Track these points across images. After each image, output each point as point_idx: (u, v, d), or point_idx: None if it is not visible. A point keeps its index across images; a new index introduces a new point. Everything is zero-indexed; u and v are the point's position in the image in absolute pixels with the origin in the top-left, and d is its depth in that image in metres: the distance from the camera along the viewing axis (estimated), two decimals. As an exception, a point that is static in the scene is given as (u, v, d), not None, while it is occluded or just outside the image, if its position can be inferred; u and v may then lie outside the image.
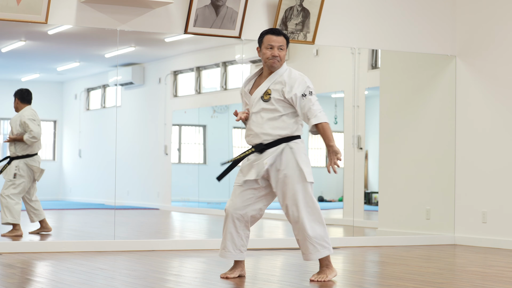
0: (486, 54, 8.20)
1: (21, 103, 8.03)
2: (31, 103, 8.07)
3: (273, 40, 5.27)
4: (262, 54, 5.31)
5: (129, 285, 4.98)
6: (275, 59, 5.26)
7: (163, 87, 10.71)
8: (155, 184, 11.05)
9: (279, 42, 5.27)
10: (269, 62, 5.27)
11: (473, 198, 8.25)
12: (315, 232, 5.19)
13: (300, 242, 5.24)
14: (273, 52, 5.26)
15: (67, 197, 10.57)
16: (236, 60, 9.33)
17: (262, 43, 5.32)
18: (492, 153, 8.10)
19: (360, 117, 8.93)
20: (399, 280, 5.34)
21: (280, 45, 5.27)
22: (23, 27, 7.30)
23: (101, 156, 10.28)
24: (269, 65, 5.28)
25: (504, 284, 5.26)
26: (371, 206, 10.44)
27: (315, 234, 5.19)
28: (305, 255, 5.25)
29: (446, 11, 8.41)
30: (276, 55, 5.25)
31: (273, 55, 5.25)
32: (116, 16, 7.05)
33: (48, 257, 6.48)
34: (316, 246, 5.19)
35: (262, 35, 5.34)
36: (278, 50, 5.26)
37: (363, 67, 9.04)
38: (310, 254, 5.22)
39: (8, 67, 9.55)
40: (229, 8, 7.27)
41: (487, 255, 7.26)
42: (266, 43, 5.28)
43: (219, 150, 10.87)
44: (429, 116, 8.58)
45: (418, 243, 8.23)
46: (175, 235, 8.97)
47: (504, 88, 8.05)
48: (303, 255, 5.27)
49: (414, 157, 8.68)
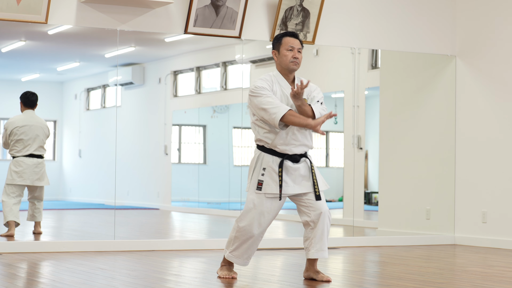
0: (486, 54, 8.20)
1: (23, 106, 8.04)
2: (34, 107, 8.03)
3: (293, 42, 5.23)
4: (282, 56, 5.24)
5: (129, 285, 4.98)
6: (296, 61, 5.22)
7: (163, 87, 10.72)
8: (155, 184, 11.05)
9: (297, 44, 5.25)
10: (291, 65, 5.21)
11: (473, 198, 8.25)
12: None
13: (318, 238, 5.24)
14: (294, 53, 5.22)
15: (67, 197, 10.58)
16: (236, 60, 9.34)
17: (280, 45, 5.26)
18: (492, 153, 8.10)
19: (360, 117, 8.93)
20: (399, 280, 5.34)
21: (299, 47, 5.26)
22: (23, 27, 7.30)
23: (101, 156, 10.29)
24: (291, 67, 5.23)
25: (504, 284, 5.26)
26: (371, 206, 10.44)
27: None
28: (324, 252, 5.26)
29: (446, 11, 8.41)
30: (297, 56, 5.22)
31: (294, 57, 5.21)
32: (116, 16, 7.05)
33: (48, 257, 6.48)
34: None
35: (280, 37, 5.28)
36: (298, 53, 5.24)
37: (363, 67, 9.04)
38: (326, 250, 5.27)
39: (8, 67, 9.56)
40: (229, 8, 7.27)
41: (487, 255, 7.27)
42: (286, 45, 5.23)
43: (219, 150, 10.87)
44: (429, 116, 8.58)
45: (418, 243, 8.23)
46: (175, 235, 8.97)
47: (504, 88, 8.05)
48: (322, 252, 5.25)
49: (414, 157, 8.68)
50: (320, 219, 5.19)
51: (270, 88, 5.20)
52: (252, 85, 5.22)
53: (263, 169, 5.19)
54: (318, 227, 5.20)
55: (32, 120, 7.95)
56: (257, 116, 5.19)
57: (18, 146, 7.91)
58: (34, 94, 8.00)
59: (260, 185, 5.18)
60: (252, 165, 5.27)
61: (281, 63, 5.25)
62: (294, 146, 5.19)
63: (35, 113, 8.01)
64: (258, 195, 5.17)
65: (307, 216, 5.22)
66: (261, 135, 5.23)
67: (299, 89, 5.06)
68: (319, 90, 5.32)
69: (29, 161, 7.90)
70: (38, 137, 7.96)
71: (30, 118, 7.95)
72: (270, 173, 5.17)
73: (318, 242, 5.22)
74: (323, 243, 5.22)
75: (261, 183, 5.18)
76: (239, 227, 5.21)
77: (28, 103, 7.98)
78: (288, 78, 5.28)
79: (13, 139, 7.90)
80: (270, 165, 5.18)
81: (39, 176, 7.94)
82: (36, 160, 7.93)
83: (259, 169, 5.21)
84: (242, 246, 5.23)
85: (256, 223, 5.18)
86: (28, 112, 7.97)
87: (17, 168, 7.87)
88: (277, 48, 5.27)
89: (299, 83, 5.22)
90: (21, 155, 7.90)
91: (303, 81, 5.13)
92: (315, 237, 5.21)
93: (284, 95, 5.22)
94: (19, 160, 7.88)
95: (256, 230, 5.18)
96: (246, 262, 5.30)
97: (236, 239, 5.23)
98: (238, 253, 5.25)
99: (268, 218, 5.19)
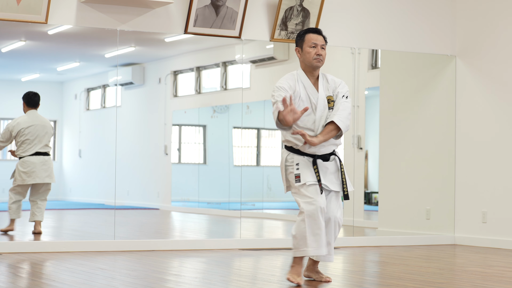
0: (486, 54, 8.20)
1: (26, 106, 8.09)
2: (37, 106, 8.09)
3: (316, 39, 5.13)
4: (305, 53, 5.14)
5: (129, 285, 4.98)
6: (319, 58, 5.11)
7: (163, 87, 10.71)
8: (155, 184, 11.05)
9: (321, 41, 5.14)
10: (314, 62, 5.10)
11: (473, 198, 8.25)
12: None
13: (332, 240, 5.23)
14: (317, 50, 5.11)
15: (67, 197, 10.57)
16: (236, 60, 9.33)
17: (303, 42, 5.15)
18: (492, 153, 8.10)
19: (360, 117, 8.93)
20: (399, 280, 5.34)
21: (322, 44, 5.14)
22: (23, 27, 7.30)
23: (101, 156, 10.29)
24: (315, 64, 5.12)
25: (504, 284, 5.26)
26: (371, 206, 10.43)
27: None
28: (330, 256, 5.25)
29: (446, 11, 8.41)
30: (320, 53, 5.11)
31: (317, 54, 5.10)
32: (116, 16, 7.05)
33: (48, 257, 6.48)
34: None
35: (302, 34, 5.17)
36: (321, 49, 5.13)
37: (363, 67, 9.03)
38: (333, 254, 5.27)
39: (8, 67, 9.55)
40: (229, 8, 7.27)
41: (487, 255, 7.26)
42: (309, 41, 5.12)
43: (219, 150, 10.87)
44: (429, 116, 8.58)
45: (418, 243, 8.23)
46: (175, 235, 8.97)
47: (504, 88, 8.04)
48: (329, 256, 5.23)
49: (414, 157, 8.68)
50: (328, 225, 5.18)
51: (292, 88, 5.08)
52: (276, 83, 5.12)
53: (297, 164, 5.10)
54: (328, 233, 5.19)
55: (37, 120, 8.04)
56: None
57: (24, 146, 7.97)
58: (37, 94, 8.08)
59: (298, 177, 5.09)
60: (282, 165, 5.18)
61: (304, 60, 5.15)
62: (323, 146, 5.12)
63: (38, 112, 8.07)
64: (300, 189, 5.07)
65: None
66: (289, 136, 5.14)
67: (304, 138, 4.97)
68: (343, 85, 5.20)
69: (36, 159, 7.97)
70: (43, 136, 8.03)
71: (34, 118, 8.04)
72: (305, 167, 5.09)
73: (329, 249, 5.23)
74: (330, 248, 5.22)
75: (298, 175, 5.09)
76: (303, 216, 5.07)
77: (32, 103, 8.06)
78: (312, 76, 5.17)
79: (20, 140, 7.97)
80: (303, 162, 5.10)
81: (48, 173, 8.02)
82: (42, 157, 8.01)
83: (292, 166, 5.12)
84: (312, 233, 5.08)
85: (317, 199, 5.05)
86: (31, 112, 8.05)
87: (25, 168, 7.92)
88: (300, 45, 5.17)
89: (334, 90, 5.13)
90: (27, 154, 7.96)
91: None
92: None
93: (307, 98, 5.11)
94: (26, 160, 7.94)
95: (321, 202, 5.05)
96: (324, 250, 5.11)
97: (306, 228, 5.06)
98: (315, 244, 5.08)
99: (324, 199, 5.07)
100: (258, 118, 10.33)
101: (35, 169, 7.95)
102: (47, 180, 8.00)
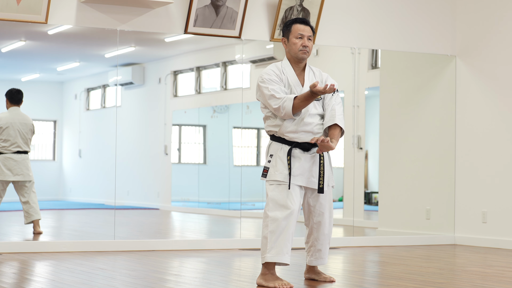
0: (486, 54, 8.20)
1: (9, 103, 8.08)
2: (20, 103, 8.07)
3: (302, 30, 5.01)
4: (291, 44, 5.01)
5: (129, 285, 4.98)
6: (305, 50, 4.99)
7: (163, 87, 10.72)
8: (155, 184, 11.05)
9: (308, 32, 5.02)
10: (300, 53, 4.99)
11: (473, 198, 8.25)
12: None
13: (317, 247, 5.18)
14: (303, 42, 4.99)
15: (67, 197, 10.58)
16: (236, 60, 9.33)
17: (290, 33, 5.02)
18: (492, 153, 8.10)
19: (360, 117, 8.93)
20: (399, 280, 5.34)
21: (309, 35, 5.02)
22: (23, 27, 7.30)
23: (101, 156, 10.29)
24: (300, 56, 5.01)
25: (504, 284, 5.26)
26: (371, 206, 10.44)
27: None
28: (323, 259, 5.23)
29: (446, 11, 8.41)
30: (306, 45, 4.99)
31: (303, 45, 4.99)
32: (116, 16, 7.05)
33: (48, 257, 6.48)
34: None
35: (289, 24, 5.04)
36: (307, 41, 5.01)
37: (363, 67, 9.04)
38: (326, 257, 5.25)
39: (8, 67, 9.56)
40: (229, 8, 7.27)
41: (487, 255, 7.27)
42: (296, 32, 5.00)
43: (219, 150, 10.87)
44: (429, 116, 8.58)
45: (418, 243, 8.23)
46: (175, 235, 8.97)
47: (504, 88, 8.05)
48: (322, 259, 5.21)
49: (414, 157, 8.68)
50: (320, 229, 5.13)
51: (279, 78, 4.99)
52: (261, 73, 5.02)
53: (270, 155, 4.99)
54: (319, 239, 5.16)
55: (18, 117, 8.01)
56: (266, 105, 5.00)
57: (6, 143, 7.95)
58: (20, 91, 8.10)
59: (265, 172, 4.98)
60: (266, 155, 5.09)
61: (290, 51, 5.05)
62: (304, 133, 4.97)
63: (20, 110, 8.06)
64: (269, 186, 4.95)
65: (307, 220, 5.20)
66: (269, 123, 5.04)
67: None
68: (331, 78, 5.12)
69: (17, 157, 7.94)
70: (24, 134, 8.01)
71: (15, 115, 8.02)
72: (276, 160, 4.95)
73: (316, 252, 5.21)
74: (323, 252, 5.20)
75: (266, 170, 4.99)
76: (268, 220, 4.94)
77: (15, 100, 8.06)
78: (298, 67, 5.07)
79: (1, 138, 7.95)
80: (278, 153, 4.97)
81: (28, 171, 7.98)
82: (23, 156, 7.98)
83: (267, 157, 5.03)
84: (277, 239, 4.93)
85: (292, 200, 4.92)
86: (14, 109, 8.05)
87: (7, 164, 7.90)
88: (286, 35, 5.06)
89: (322, 82, 5.04)
90: (10, 152, 7.94)
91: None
92: (314, 246, 5.19)
93: (289, 86, 5.00)
94: (8, 157, 7.92)
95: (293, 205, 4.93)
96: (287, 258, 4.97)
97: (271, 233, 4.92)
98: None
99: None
100: (258, 118, 10.29)
101: (16, 167, 7.92)
102: (28, 177, 7.96)
